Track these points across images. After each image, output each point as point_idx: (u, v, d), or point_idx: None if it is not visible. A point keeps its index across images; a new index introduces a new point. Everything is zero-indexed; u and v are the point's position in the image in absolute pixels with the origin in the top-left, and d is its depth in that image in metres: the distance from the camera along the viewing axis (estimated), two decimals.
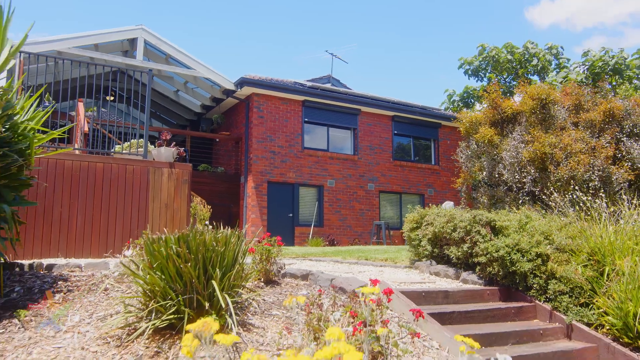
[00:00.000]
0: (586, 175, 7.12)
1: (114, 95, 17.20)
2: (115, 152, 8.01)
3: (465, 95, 24.82)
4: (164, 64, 14.25)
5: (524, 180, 7.67)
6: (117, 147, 8.18)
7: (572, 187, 6.91)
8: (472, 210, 6.26)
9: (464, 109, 22.98)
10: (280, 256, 5.15)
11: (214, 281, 3.53)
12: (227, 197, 14.99)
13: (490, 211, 6.31)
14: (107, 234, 7.19)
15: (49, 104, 8.03)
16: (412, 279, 5.79)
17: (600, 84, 9.03)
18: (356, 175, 15.49)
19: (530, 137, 7.84)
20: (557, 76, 21.60)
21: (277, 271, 5.13)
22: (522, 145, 7.86)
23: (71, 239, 6.93)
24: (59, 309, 3.90)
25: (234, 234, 3.94)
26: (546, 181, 7.42)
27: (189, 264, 3.46)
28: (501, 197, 7.93)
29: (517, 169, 7.78)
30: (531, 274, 5.23)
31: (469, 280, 5.68)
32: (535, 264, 5.21)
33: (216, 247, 3.68)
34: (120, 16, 57.56)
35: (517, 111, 8.37)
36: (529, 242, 5.35)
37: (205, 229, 3.96)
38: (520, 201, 7.62)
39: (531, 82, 22.39)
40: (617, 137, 8.01)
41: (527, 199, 7.59)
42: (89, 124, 10.11)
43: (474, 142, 8.85)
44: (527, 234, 5.50)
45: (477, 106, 23.58)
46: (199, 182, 14.13)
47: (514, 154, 7.79)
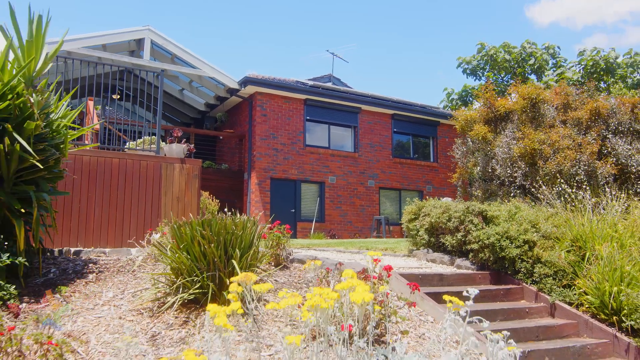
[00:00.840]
0: (572, 169, 7.61)
1: (120, 93, 17.62)
2: (129, 148, 8.45)
3: (463, 94, 25.24)
4: (169, 64, 14.68)
5: (515, 174, 8.16)
6: (132, 144, 8.62)
7: (559, 180, 7.39)
8: (466, 202, 6.73)
9: (463, 107, 23.40)
10: (288, 244, 5.61)
11: (234, 260, 3.99)
12: (231, 193, 15.43)
13: (483, 204, 6.77)
14: (122, 225, 7.62)
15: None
16: (410, 265, 6.26)
17: (588, 84, 9.51)
18: (357, 172, 15.94)
19: (521, 134, 8.32)
20: (554, 74, 22.03)
21: (286, 256, 5.60)
22: (514, 141, 8.34)
23: (89, 229, 7.36)
24: (94, 287, 4.37)
25: (250, 220, 4.40)
26: (535, 175, 7.91)
27: (212, 245, 3.92)
28: (494, 191, 8.41)
29: (509, 164, 8.26)
30: (519, 259, 5.70)
31: (462, 265, 6.15)
32: (522, 250, 5.68)
33: (235, 231, 4.14)
34: (121, 16, 57.90)
35: (509, 110, 8.86)
36: (517, 230, 5.82)
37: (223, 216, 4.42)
38: (512, 194, 8.10)
39: (528, 81, 22.84)
40: (603, 134, 8.50)
41: (518, 192, 8.07)
42: (99, 121, 10.54)
43: (469, 139, 9.33)
44: (516, 223, 5.97)
45: (476, 104, 24.01)
46: (204, 178, 14.55)
47: (506, 150, 8.28)
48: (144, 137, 8.71)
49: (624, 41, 47.47)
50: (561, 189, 6.66)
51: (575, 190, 6.44)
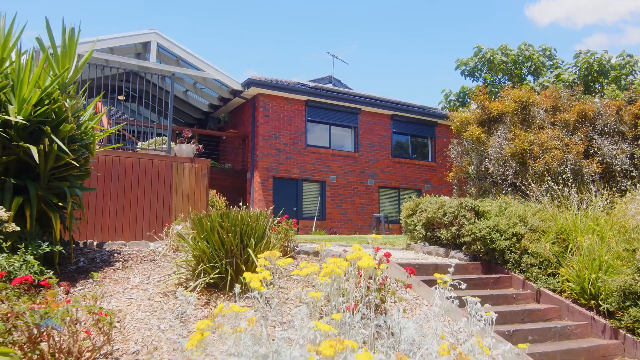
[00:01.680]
0: (560, 168, 8.10)
1: (126, 95, 18.08)
2: (141, 148, 8.91)
3: (461, 95, 25.72)
4: (175, 66, 15.13)
5: (507, 173, 8.65)
6: (143, 144, 9.08)
7: (547, 178, 7.88)
8: (460, 198, 7.21)
9: (461, 108, 23.87)
10: (294, 237, 6.09)
11: (249, 249, 4.46)
12: (234, 192, 15.88)
13: (476, 200, 7.25)
14: (135, 220, 8.08)
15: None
16: (408, 256, 6.74)
17: (576, 87, 10.00)
18: (357, 171, 16.41)
19: (512, 135, 8.82)
20: (551, 76, 22.48)
21: (293, 248, 6.07)
22: (506, 142, 8.83)
23: (105, 224, 7.81)
24: (121, 274, 4.83)
25: (262, 213, 4.87)
26: (525, 174, 8.39)
27: (230, 235, 4.39)
28: (487, 189, 8.90)
29: (501, 163, 8.75)
30: (508, 250, 6.18)
31: (456, 257, 6.63)
32: (511, 242, 6.16)
33: (250, 222, 4.61)
34: (123, 17, 58.29)
35: (501, 112, 9.35)
36: (506, 224, 6.30)
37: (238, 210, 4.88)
38: (503, 191, 8.59)
39: (525, 82, 23.33)
40: (590, 135, 8.99)
41: (509, 189, 8.56)
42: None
43: (464, 140, 9.81)
44: (506, 217, 6.44)
45: (473, 105, 24.47)
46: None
47: (498, 150, 8.77)
48: (155, 138, 9.17)
49: (624, 41, 48.00)
50: (549, 187, 7.15)
51: (562, 187, 6.92)
